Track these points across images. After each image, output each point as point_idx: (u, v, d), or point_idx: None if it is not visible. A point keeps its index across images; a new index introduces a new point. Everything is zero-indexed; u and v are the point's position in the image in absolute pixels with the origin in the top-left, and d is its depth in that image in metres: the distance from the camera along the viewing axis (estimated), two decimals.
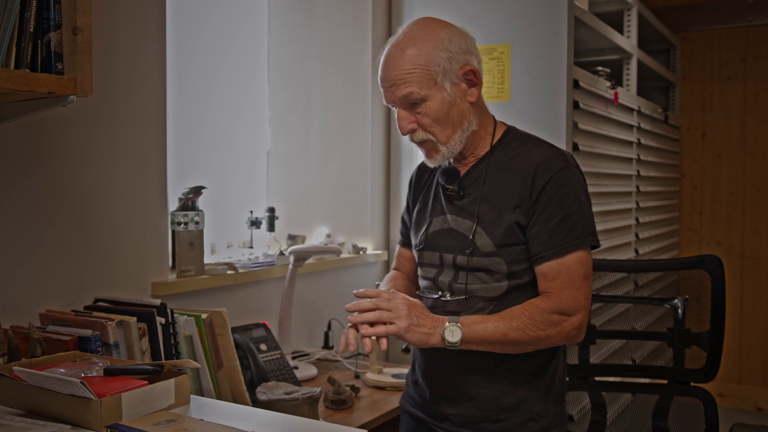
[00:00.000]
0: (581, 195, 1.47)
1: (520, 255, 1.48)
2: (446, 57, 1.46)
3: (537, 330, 1.41)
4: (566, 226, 1.44)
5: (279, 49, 2.88)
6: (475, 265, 1.50)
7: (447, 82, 1.47)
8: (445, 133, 1.49)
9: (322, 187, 2.95)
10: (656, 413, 2.01)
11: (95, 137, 1.87)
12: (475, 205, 1.52)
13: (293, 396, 1.73)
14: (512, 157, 1.52)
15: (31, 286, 1.73)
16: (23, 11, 1.30)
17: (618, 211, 3.26)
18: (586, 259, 1.45)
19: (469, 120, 1.51)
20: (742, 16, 4.43)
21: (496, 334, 1.41)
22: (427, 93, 1.46)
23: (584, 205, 1.47)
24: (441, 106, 1.47)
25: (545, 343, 1.44)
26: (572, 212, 1.44)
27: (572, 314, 1.43)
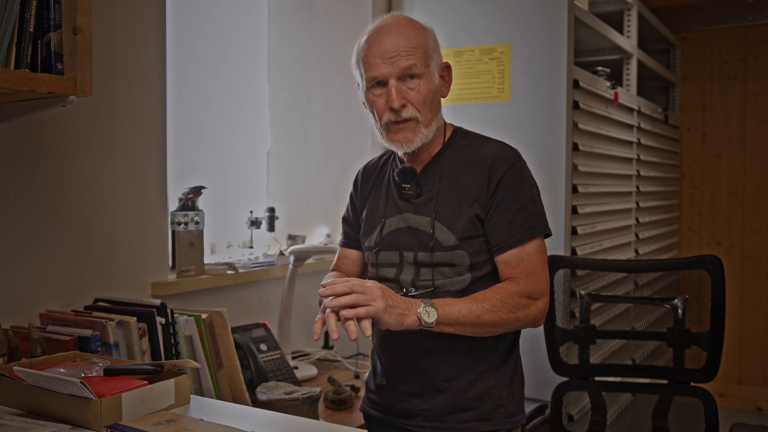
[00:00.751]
0: (533, 187, 1.55)
1: (481, 246, 1.53)
2: (435, 48, 1.55)
3: (508, 312, 1.45)
4: (522, 215, 1.50)
5: (279, 49, 2.88)
6: (438, 260, 1.53)
7: (436, 70, 1.55)
8: (429, 116, 1.53)
9: (322, 187, 2.95)
10: (656, 413, 2.01)
11: (95, 137, 1.87)
12: (432, 202, 1.55)
13: (293, 396, 1.73)
14: (465, 153, 1.57)
15: (31, 286, 1.73)
16: (23, 11, 1.30)
17: (618, 211, 3.26)
18: (543, 246, 1.53)
19: (440, 114, 1.59)
20: (742, 16, 4.42)
21: (470, 316, 1.43)
22: (422, 72, 1.51)
23: (536, 196, 1.55)
24: (430, 89, 1.53)
25: (513, 326, 1.48)
26: (527, 203, 1.51)
27: (538, 298, 1.48)
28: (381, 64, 1.51)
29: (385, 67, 1.50)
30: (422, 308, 1.40)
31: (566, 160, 2.61)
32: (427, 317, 1.39)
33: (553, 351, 2.12)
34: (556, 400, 2.12)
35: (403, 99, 1.51)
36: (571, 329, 2.12)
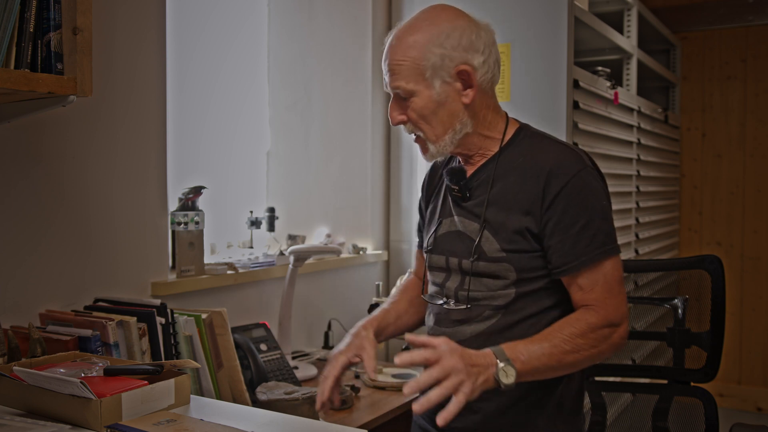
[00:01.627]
0: (602, 198, 1.38)
1: (531, 262, 1.40)
2: (439, 53, 1.38)
3: (590, 348, 1.33)
4: (589, 232, 1.35)
5: (279, 49, 2.88)
6: (482, 270, 1.43)
7: (437, 80, 1.39)
8: (434, 132, 1.42)
9: (322, 187, 2.95)
10: (656, 413, 2.01)
11: (95, 137, 1.87)
12: (482, 207, 1.44)
13: (293, 396, 1.73)
14: (523, 157, 1.43)
15: (31, 286, 1.73)
16: (23, 11, 1.30)
17: (618, 211, 3.26)
18: (618, 263, 1.38)
19: (462, 122, 1.42)
20: (742, 16, 4.42)
21: (551, 362, 1.31)
22: (415, 88, 1.39)
23: (606, 209, 1.38)
24: (427, 104, 1.40)
25: (597, 359, 1.37)
26: (594, 217, 1.35)
27: (619, 324, 1.36)
28: (385, 77, 1.45)
29: (385, 81, 1.45)
30: (499, 369, 1.26)
31: None
32: (505, 379, 1.26)
33: None
34: None
35: (402, 115, 1.44)
36: None
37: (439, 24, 1.40)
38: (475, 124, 1.45)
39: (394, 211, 3.02)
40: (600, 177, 1.43)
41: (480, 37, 1.42)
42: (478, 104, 1.44)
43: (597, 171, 1.43)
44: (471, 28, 1.42)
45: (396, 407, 2.01)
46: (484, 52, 1.41)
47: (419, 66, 1.38)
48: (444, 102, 1.40)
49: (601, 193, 1.39)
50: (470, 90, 1.41)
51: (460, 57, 1.39)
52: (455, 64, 1.39)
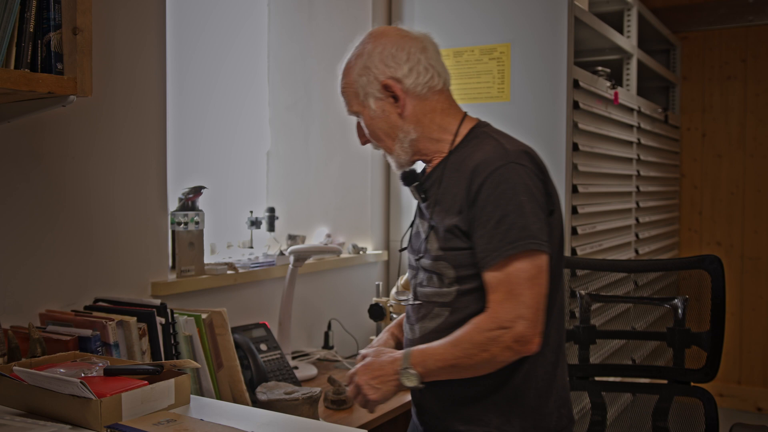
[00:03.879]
0: (520, 194, 1.35)
1: (466, 260, 1.42)
2: (365, 74, 1.48)
3: (481, 352, 1.34)
4: (502, 228, 1.34)
5: (279, 49, 2.88)
6: (428, 268, 1.48)
7: (370, 99, 1.49)
8: (386, 145, 1.53)
9: (322, 187, 2.95)
10: (656, 413, 2.01)
11: (95, 137, 1.87)
12: (432, 207, 1.50)
13: (293, 396, 1.73)
14: (465, 157, 1.46)
15: (31, 286, 1.73)
16: (23, 11, 1.30)
17: (618, 211, 3.26)
18: (529, 264, 1.34)
19: (404, 130, 1.50)
20: (742, 16, 4.42)
21: (447, 365, 1.38)
22: (358, 110, 1.52)
23: (524, 204, 1.35)
24: (370, 122, 1.51)
25: (495, 363, 1.36)
26: (509, 213, 1.34)
27: (510, 326, 1.33)
28: None
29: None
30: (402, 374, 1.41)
31: (566, 160, 2.61)
32: (408, 382, 1.41)
33: None
34: None
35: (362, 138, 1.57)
36: (571, 329, 2.12)
37: (366, 46, 1.50)
38: (420, 129, 1.50)
39: (394, 211, 3.02)
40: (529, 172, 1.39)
41: (402, 48, 1.48)
42: (417, 111, 1.50)
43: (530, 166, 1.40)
44: (392, 43, 1.49)
45: (396, 407, 2.01)
46: (410, 60, 1.47)
47: (354, 90, 1.50)
48: (382, 117, 1.50)
49: (521, 188, 1.36)
50: (401, 102, 1.49)
51: (382, 73, 1.48)
52: (379, 81, 1.48)
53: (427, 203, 1.52)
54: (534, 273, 1.34)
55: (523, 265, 1.33)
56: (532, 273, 1.34)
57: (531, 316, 1.33)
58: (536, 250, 1.35)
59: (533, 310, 1.33)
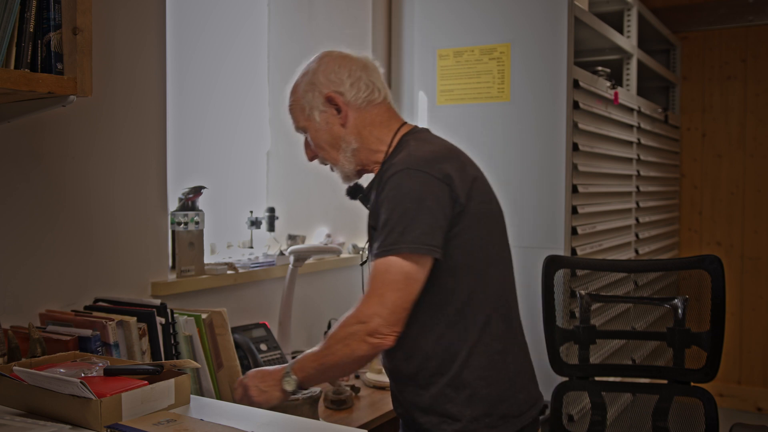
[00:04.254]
0: (407, 200, 1.42)
1: None
2: (310, 90, 1.62)
3: (343, 347, 1.43)
4: (386, 230, 1.43)
5: (279, 49, 2.88)
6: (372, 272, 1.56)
7: (315, 112, 1.61)
8: (331, 156, 1.63)
9: (322, 187, 2.94)
10: (656, 413, 2.01)
11: (95, 137, 1.87)
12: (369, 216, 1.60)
13: (293, 396, 1.73)
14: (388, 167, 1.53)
15: (31, 286, 1.73)
16: (23, 11, 1.30)
17: (618, 211, 3.26)
18: (397, 265, 1.40)
19: (346, 140, 1.61)
20: (742, 16, 4.42)
21: (318, 366, 1.47)
22: (306, 125, 1.63)
23: (409, 210, 1.41)
24: (316, 134, 1.62)
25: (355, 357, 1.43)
26: (392, 216, 1.42)
27: (366, 321, 1.41)
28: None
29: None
30: (283, 379, 1.50)
31: (566, 160, 2.61)
32: (288, 386, 1.50)
33: (553, 351, 2.12)
34: (556, 400, 2.12)
35: (310, 153, 1.68)
36: (571, 329, 2.12)
37: (309, 66, 1.66)
38: (361, 140, 1.61)
39: None
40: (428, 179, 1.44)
41: (343, 66, 1.62)
42: (358, 123, 1.61)
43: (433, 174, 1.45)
44: (335, 62, 1.63)
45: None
46: (351, 76, 1.61)
47: (301, 105, 1.63)
48: (325, 128, 1.62)
49: (411, 194, 1.43)
50: (342, 113, 1.61)
51: (325, 87, 1.61)
52: (323, 95, 1.61)
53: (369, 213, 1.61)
54: (400, 276, 1.41)
55: (392, 266, 1.41)
56: (397, 275, 1.41)
57: (387, 315, 1.40)
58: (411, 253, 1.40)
59: (390, 309, 1.40)
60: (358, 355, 1.43)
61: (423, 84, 2.89)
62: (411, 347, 1.50)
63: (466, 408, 1.48)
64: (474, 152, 2.59)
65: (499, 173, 2.72)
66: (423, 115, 2.89)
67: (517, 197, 2.66)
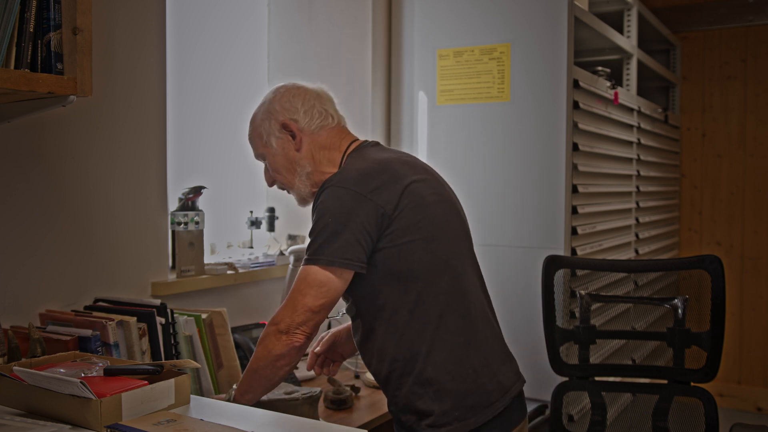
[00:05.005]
0: (327, 216, 1.52)
1: None
2: (267, 119, 1.70)
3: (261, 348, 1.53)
4: (309, 242, 1.55)
5: (279, 49, 2.88)
6: None
7: (272, 138, 1.69)
8: (287, 180, 1.70)
9: None
10: (656, 413, 2.01)
11: (95, 137, 1.87)
12: None
13: (293, 396, 1.73)
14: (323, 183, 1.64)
15: (31, 286, 1.73)
16: (23, 11, 1.30)
17: (618, 211, 3.26)
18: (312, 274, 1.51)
19: (300, 164, 1.68)
20: (742, 16, 4.42)
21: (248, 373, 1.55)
22: (264, 151, 1.71)
23: (329, 225, 1.52)
24: (273, 159, 1.70)
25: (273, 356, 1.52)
26: (313, 230, 1.54)
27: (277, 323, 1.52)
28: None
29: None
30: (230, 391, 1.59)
31: (566, 160, 2.61)
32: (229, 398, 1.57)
33: (553, 351, 2.12)
34: (556, 400, 2.12)
35: (269, 178, 1.75)
36: (571, 329, 2.12)
37: (267, 97, 1.74)
38: (314, 164, 1.69)
39: None
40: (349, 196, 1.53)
41: (297, 96, 1.70)
42: (311, 147, 1.69)
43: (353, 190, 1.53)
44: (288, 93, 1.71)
45: None
46: (305, 104, 1.70)
47: (259, 133, 1.71)
48: (282, 153, 1.69)
49: (333, 210, 1.53)
50: (297, 140, 1.69)
51: (281, 115, 1.69)
52: (279, 121, 1.69)
53: None
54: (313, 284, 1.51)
55: (308, 276, 1.52)
56: (307, 285, 1.51)
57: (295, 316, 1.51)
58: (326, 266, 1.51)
59: (298, 312, 1.51)
60: (275, 354, 1.52)
61: (423, 84, 2.89)
62: (380, 351, 1.57)
63: (434, 403, 1.53)
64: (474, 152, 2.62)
65: (499, 173, 2.72)
66: (423, 115, 2.89)
67: (517, 197, 2.66)
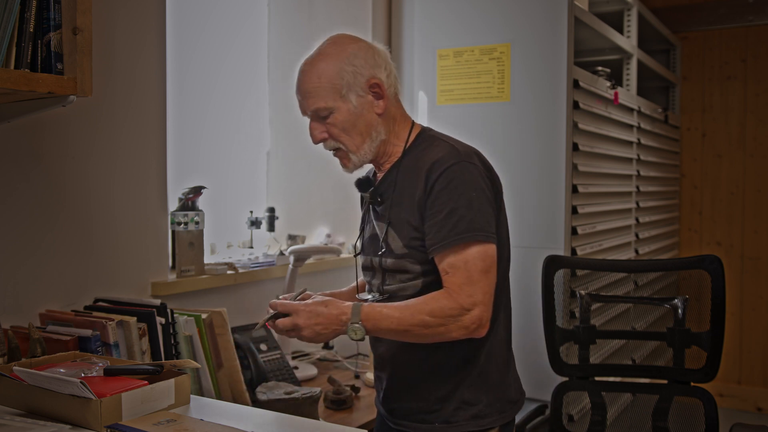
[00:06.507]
0: (471, 190, 1.48)
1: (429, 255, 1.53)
2: (351, 71, 1.54)
3: (437, 326, 1.44)
4: (453, 219, 1.46)
5: (279, 49, 2.88)
6: (391, 266, 1.57)
7: (352, 95, 1.55)
8: (354, 142, 1.57)
9: (322, 187, 2.95)
10: (656, 413, 2.01)
11: (95, 137, 1.87)
12: (388, 209, 1.59)
13: (293, 396, 1.73)
14: (417, 159, 1.57)
15: (31, 286, 1.73)
16: (23, 11, 1.30)
17: (618, 211, 3.26)
18: (483, 253, 1.47)
19: (377, 130, 1.58)
20: (742, 16, 4.42)
21: (399, 329, 1.45)
22: (334, 105, 1.54)
23: (473, 200, 1.48)
24: (347, 117, 1.55)
25: (445, 338, 1.46)
26: (459, 206, 1.47)
27: (470, 309, 1.45)
28: (300, 102, 1.59)
29: (301, 106, 1.59)
30: (350, 327, 1.45)
31: (566, 160, 2.61)
32: (354, 335, 1.46)
33: (553, 351, 2.12)
34: (556, 400, 2.12)
35: (322, 134, 1.58)
36: (571, 329, 2.12)
37: (345, 46, 1.57)
38: (387, 132, 1.60)
39: None
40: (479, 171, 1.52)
41: (379, 55, 1.59)
42: (388, 114, 1.60)
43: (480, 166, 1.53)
44: (370, 49, 1.59)
45: None
46: (386, 68, 1.59)
47: (335, 85, 1.54)
48: (361, 114, 1.56)
49: (472, 184, 1.49)
50: (381, 101, 1.58)
51: (369, 72, 1.56)
52: (365, 79, 1.56)
53: (384, 206, 1.60)
54: (488, 263, 1.47)
55: (477, 254, 1.46)
56: (486, 263, 1.47)
57: (486, 302, 1.46)
58: (484, 241, 1.47)
59: (488, 296, 1.46)
60: (449, 338, 1.46)
61: (423, 84, 2.89)
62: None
63: (481, 393, 1.54)
64: None
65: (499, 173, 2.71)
66: (423, 115, 2.89)
67: (517, 197, 2.66)
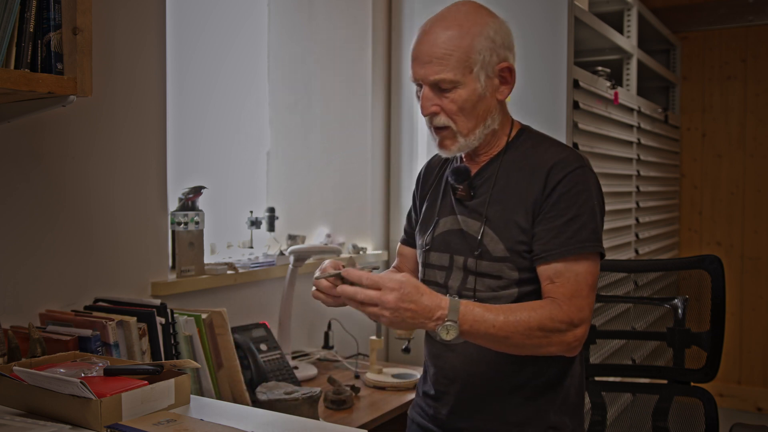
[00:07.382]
0: (594, 198, 1.38)
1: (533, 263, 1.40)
2: (489, 48, 1.38)
3: (541, 338, 1.32)
4: (574, 226, 1.35)
5: (279, 49, 2.88)
6: (484, 269, 1.43)
7: (482, 74, 1.39)
8: (468, 125, 1.42)
9: (322, 187, 2.95)
10: (656, 413, 2.01)
11: (95, 137, 1.87)
12: (485, 206, 1.44)
13: (293, 396, 1.73)
14: (526, 156, 1.45)
15: (31, 286, 1.73)
16: (23, 11, 1.30)
17: (618, 211, 3.26)
18: (594, 267, 1.37)
19: (493, 117, 1.44)
20: (742, 16, 4.42)
21: (498, 336, 1.30)
22: (462, 80, 1.38)
23: (596, 209, 1.38)
24: (470, 96, 1.39)
25: (544, 351, 1.34)
26: (582, 213, 1.35)
27: (579, 325, 1.33)
28: (417, 67, 1.41)
29: (419, 71, 1.40)
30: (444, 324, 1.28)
31: None
32: (445, 334, 1.28)
33: None
34: None
35: (435, 107, 1.41)
36: None
37: (486, 18, 1.40)
38: (499, 121, 1.47)
39: (394, 211, 3.02)
40: (597, 179, 1.44)
41: (511, 37, 1.44)
42: (504, 102, 1.47)
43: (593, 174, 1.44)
44: (507, 28, 1.44)
45: (396, 407, 2.01)
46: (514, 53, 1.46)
47: (469, 59, 1.37)
48: (484, 96, 1.41)
49: (595, 192, 1.40)
50: (506, 87, 1.44)
51: (503, 54, 1.42)
52: (499, 61, 1.41)
53: (479, 201, 1.46)
54: (595, 279, 1.38)
55: (590, 268, 1.36)
56: (595, 279, 1.38)
57: (589, 321, 1.36)
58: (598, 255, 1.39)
59: (591, 315, 1.36)
60: (547, 353, 1.34)
61: None
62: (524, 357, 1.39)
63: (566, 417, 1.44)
64: None
65: None
66: None
67: None
